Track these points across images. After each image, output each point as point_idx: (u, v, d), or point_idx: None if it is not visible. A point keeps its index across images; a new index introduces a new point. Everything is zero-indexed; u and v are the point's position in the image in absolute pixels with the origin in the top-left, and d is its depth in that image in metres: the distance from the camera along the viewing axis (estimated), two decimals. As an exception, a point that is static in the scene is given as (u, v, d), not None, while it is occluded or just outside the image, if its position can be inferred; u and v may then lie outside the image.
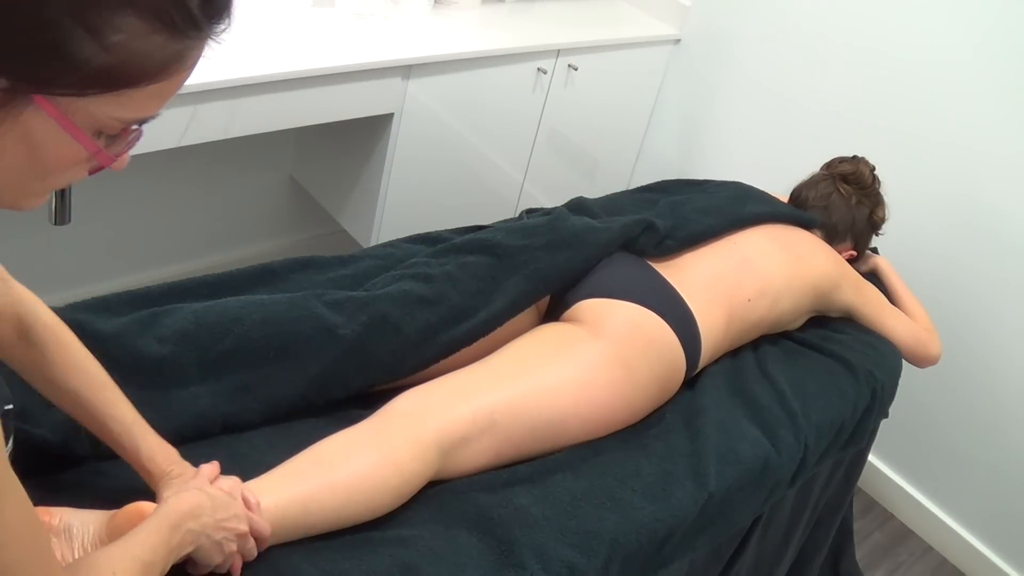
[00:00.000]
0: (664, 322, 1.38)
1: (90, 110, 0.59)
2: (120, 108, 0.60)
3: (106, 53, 0.56)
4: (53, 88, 0.57)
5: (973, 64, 2.01)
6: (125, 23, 0.56)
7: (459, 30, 2.14)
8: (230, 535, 0.92)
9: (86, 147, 0.61)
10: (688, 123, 2.68)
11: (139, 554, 0.80)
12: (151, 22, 0.57)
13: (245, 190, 2.39)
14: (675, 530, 1.22)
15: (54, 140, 0.60)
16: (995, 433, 2.14)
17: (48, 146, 0.60)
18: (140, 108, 0.61)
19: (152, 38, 0.58)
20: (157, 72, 0.59)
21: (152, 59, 0.58)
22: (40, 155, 0.61)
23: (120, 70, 0.57)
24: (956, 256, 2.12)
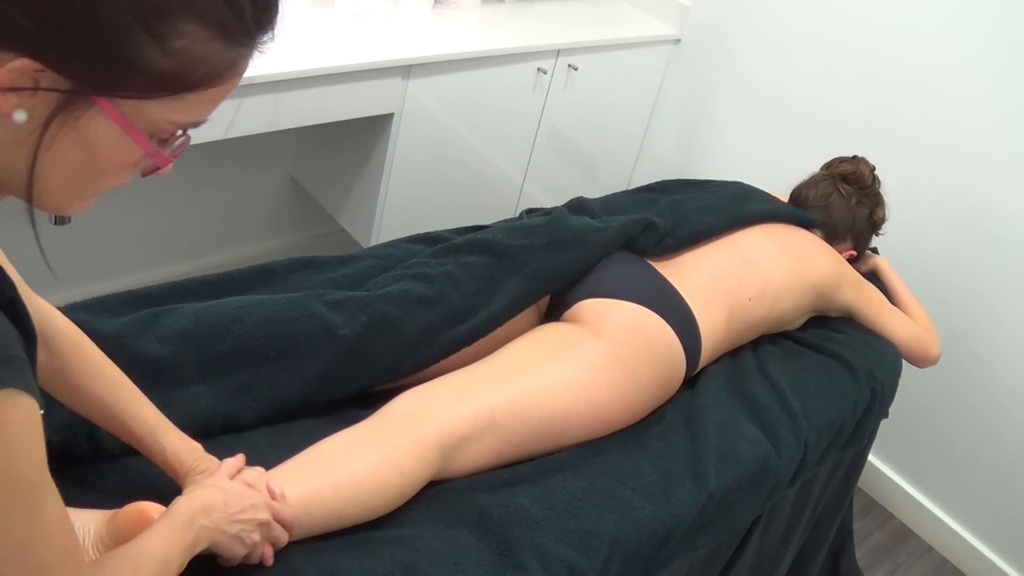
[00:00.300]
0: (664, 322, 1.38)
1: (148, 114, 0.62)
2: (175, 112, 0.63)
3: (169, 58, 0.59)
4: (116, 91, 0.59)
5: (973, 64, 2.01)
6: (188, 30, 0.59)
7: (459, 30, 2.14)
8: (248, 527, 0.92)
9: (145, 149, 0.63)
10: (688, 123, 2.68)
11: (156, 552, 0.81)
12: (211, 29, 0.60)
13: (245, 190, 2.39)
14: (675, 530, 1.22)
15: (111, 143, 0.62)
16: (995, 433, 2.14)
17: (105, 149, 0.62)
18: (193, 113, 0.64)
19: (211, 45, 0.60)
20: (214, 78, 0.62)
21: (210, 65, 0.61)
22: (96, 158, 0.63)
23: (181, 75, 0.60)
24: (956, 256, 2.12)
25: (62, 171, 0.62)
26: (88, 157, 0.63)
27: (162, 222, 2.27)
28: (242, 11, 0.61)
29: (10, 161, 0.62)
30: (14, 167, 0.62)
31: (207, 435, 1.13)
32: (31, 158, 0.61)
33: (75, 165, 0.63)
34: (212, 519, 0.89)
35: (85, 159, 0.63)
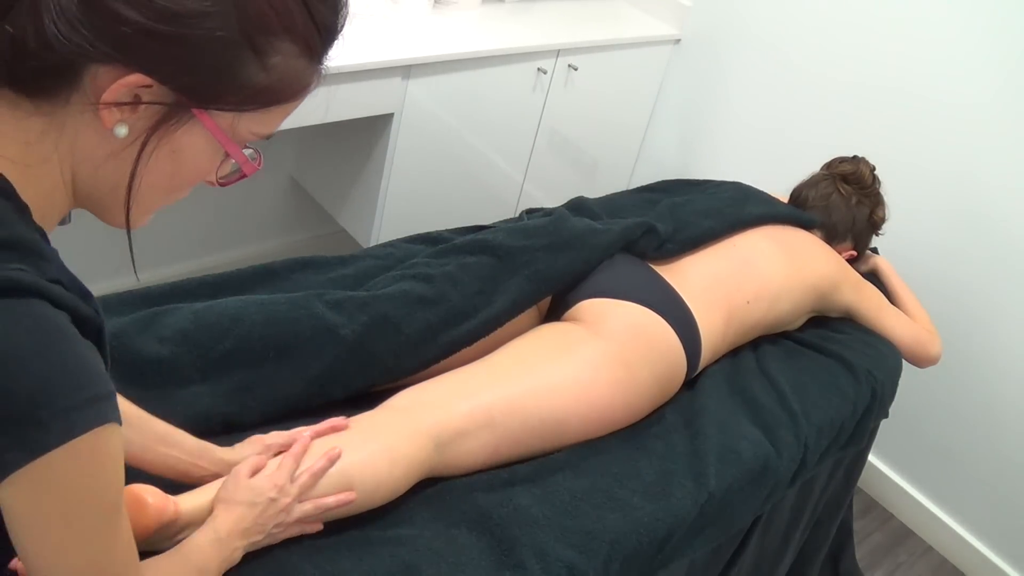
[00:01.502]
0: (665, 323, 1.38)
1: (237, 126, 0.65)
2: (259, 125, 0.66)
3: (266, 73, 0.62)
4: (218, 104, 0.62)
5: (973, 64, 2.01)
6: (283, 47, 0.62)
7: (459, 30, 2.14)
8: (280, 518, 0.97)
9: (238, 159, 0.67)
10: (688, 123, 2.68)
11: (196, 561, 0.87)
12: (301, 47, 0.64)
13: (245, 190, 2.39)
14: (675, 530, 1.22)
15: (200, 155, 0.65)
16: (995, 433, 2.14)
17: (193, 161, 0.65)
18: (272, 125, 0.67)
19: (299, 61, 0.64)
20: (298, 92, 0.66)
21: (296, 81, 0.65)
22: (183, 170, 0.66)
23: (274, 89, 0.63)
24: (956, 256, 2.12)
25: (150, 184, 0.65)
26: (176, 169, 0.65)
27: (162, 222, 2.27)
28: (326, 31, 0.65)
29: (100, 177, 0.64)
30: (103, 183, 0.64)
31: (207, 435, 1.13)
32: (128, 172, 0.63)
33: (162, 178, 0.65)
34: (247, 537, 0.93)
35: (173, 171, 0.65)
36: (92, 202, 0.66)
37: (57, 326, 0.59)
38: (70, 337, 0.59)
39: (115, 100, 0.59)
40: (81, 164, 0.63)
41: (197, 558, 0.87)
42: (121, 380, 1.11)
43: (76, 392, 0.58)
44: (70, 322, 0.60)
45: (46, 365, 0.57)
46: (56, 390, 0.57)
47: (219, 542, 0.90)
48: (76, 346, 0.59)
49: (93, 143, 0.62)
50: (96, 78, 0.59)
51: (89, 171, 0.63)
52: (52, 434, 0.57)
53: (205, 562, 0.88)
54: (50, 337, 0.58)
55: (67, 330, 0.59)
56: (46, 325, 0.58)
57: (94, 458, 0.60)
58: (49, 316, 0.58)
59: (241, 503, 0.94)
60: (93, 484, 0.61)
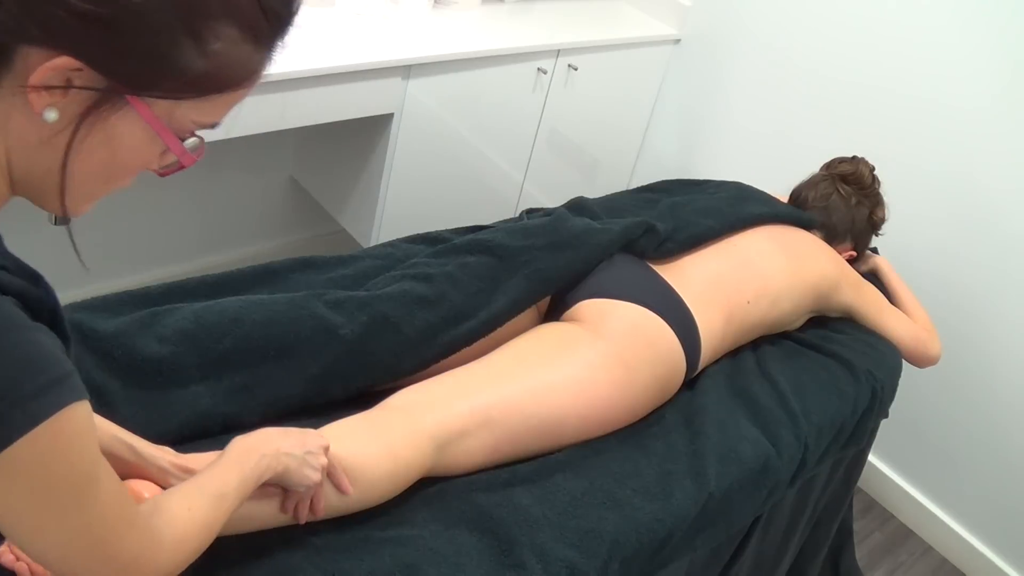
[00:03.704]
0: (665, 323, 1.38)
1: (175, 114, 0.62)
2: (201, 113, 0.63)
3: (205, 60, 0.60)
4: (152, 91, 0.60)
5: (972, 64, 2.01)
6: (225, 32, 0.60)
7: (459, 30, 2.14)
8: (315, 450, 0.95)
9: (174, 149, 0.64)
10: (688, 123, 2.68)
11: (212, 488, 0.83)
12: (245, 32, 0.61)
13: (245, 190, 2.39)
14: (675, 530, 1.22)
15: (136, 143, 0.63)
16: (995, 433, 2.14)
17: (129, 149, 0.63)
18: (215, 114, 0.65)
19: (244, 48, 0.62)
20: (242, 80, 0.63)
21: (241, 68, 0.62)
22: (118, 158, 0.63)
23: (214, 77, 0.61)
24: (956, 256, 2.12)
25: (84, 171, 0.63)
26: (111, 157, 0.63)
27: (162, 222, 2.27)
28: (273, 16, 0.62)
29: (33, 162, 0.62)
30: (36, 168, 0.62)
31: (207, 435, 1.13)
32: (61, 158, 0.61)
33: (97, 165, 0.63)
34: (272, 446, 0.91)
35: (108, 159, 0.63)
36: (28, 189, 0.64)
37: (4, 314, 0.57)
38: (19, 323, 0.58)
39: (43, 83, 0.57)
40: (14, 149, 0.61)
41: (212, 485, 0.83)
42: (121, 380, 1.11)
43: (33, 379, 0.57)
44: (17, 306, 0.59)
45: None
46: (12, 381, 0.56)
47: (238, 461, 0.87)
48: (26, 332, 0.58)
49: (25, 128, 0.60)
50: (27, 60, 0.57)
51: (22, 157, 0.61)
52: (14, 426, 0.57)
53: (221, 487, 0.84)
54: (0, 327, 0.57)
55: (15, 316, 0.58)
56: None
57: (60, 440, 0.59)
58: (12, 316, 0.57)
59: (272, 431, 0.94)
60: (63, 465, 0.61)
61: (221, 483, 0.84)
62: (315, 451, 0.95)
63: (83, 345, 1.12)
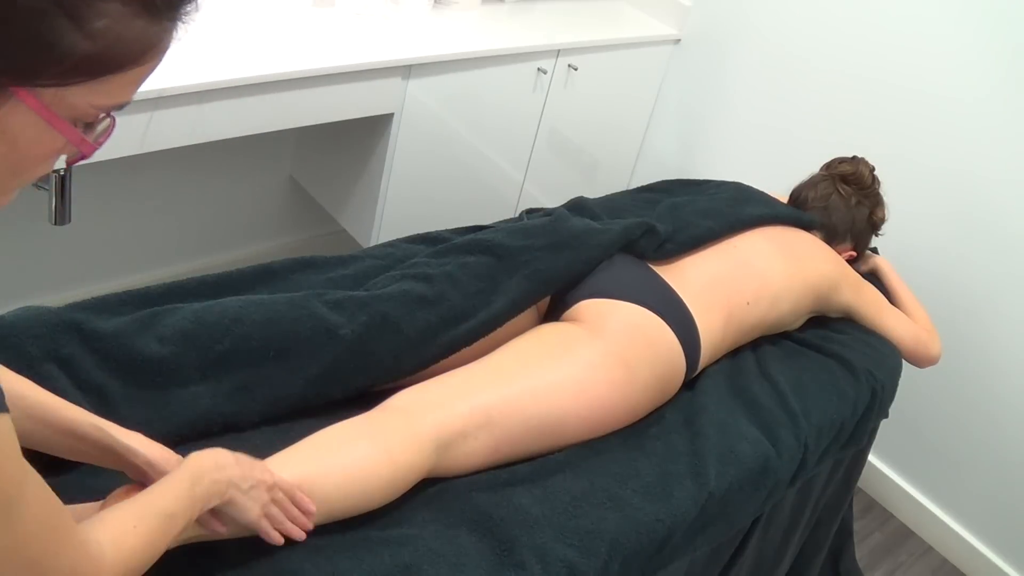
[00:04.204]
0: (664, 323, 1.38)
1: (69, 100, 0.58)
2: (99, 95, 0.59)
3: (90, 40, 0.56)
4: (36, 80, 0.56)
5: (971, 62, 2.01)
6: (108, 8, 0.56)
7: (459, 30, 2.14)
8: (260, 487, 0.92)
9: (70, 138, 0.60)
10: (688, 123, 2.68)
11: (161, 506, 0.80)
12: (132, 6, 0.57)
13: (245, 190, 2.39)
14: (675, 530, 1.22)
15: (33, 134, 0.59)
16: (995, 433, 2.14)
17: (27, 140, 0.59)
18: (118, 94, 0.60)
19: (134, 23, 0.57)
20: (138, 57, 0.59)
21: (134, 44, 0.58)
22: (18, 150, 0.60)
23: (104, 57, 0.57)
24: (956, 256, 2.12)
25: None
26: (10, 150, 0.59)
27: (162, 222, 2.27)
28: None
29: None
30: None
31: (207, 435, 1.13)
32: None
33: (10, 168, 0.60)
34: (224, 474, 0.88)
35: (7, 152, 0.59)
36: None
37: None
38: None
39: None
40: None
41: (161, 503, 0.80)
42: (121, 380, 1.11)
43: None
44: None
45: None
46: None
47: (192, 479, 0.84)
48: None
49: None
50: None
51: None
52: None
53: (171, 506, 0.81)
54: None
55: None
56: None
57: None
58: None
59: (227, 455, 0.91)
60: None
61: (172, 502, 0.82)
62: (257, 486, 0.92)
63: (83, 345, 1.12)
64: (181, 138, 1.64)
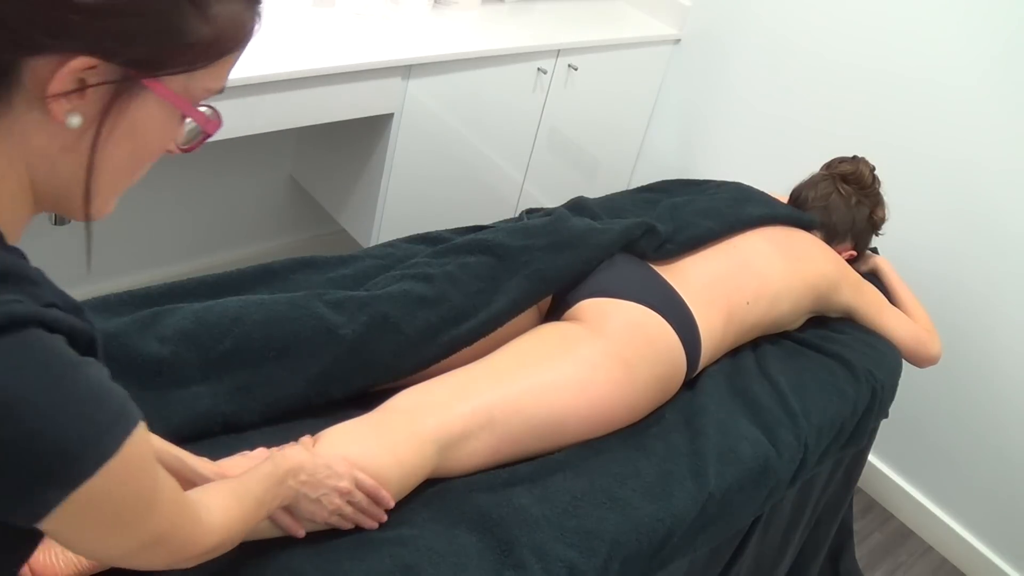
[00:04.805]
0: (665, 322, 1.38)
1: (191, 86, 0.61)
2: (211, 79, 0.62)
3: (209, 25, 0.59)
4: (167, 69, 0.58)
5: (971, 61, 2.01)
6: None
7: (459, 30, 2.14)
8: (332, 494, 0.98)
9: (199, 121, 0.63)
10: (688, 123, 2.68)
11: (256, 492, 0.86)
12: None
13: (245, 190, 2.39)
14: (675, 530, 1.22)
15: (158, 126, 0.62)
16: (995, 433, 2.14)
17: (151, 134, 0.62)
18: (222, 78, 0.64)
19: (238, 5, 0.61)
20: (242, 39, 0.62)
21: (240, 27, 0.61)
22: (142, 146, 0.62)
23: (221, 40, 0.60)
24: (956, 255, 2.12)
25: (111, 167, 0.62)
26: (135, 147, 0.62)
27: (162, 222, 2.27)
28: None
29: (56, 172, 0.60)
30: (60, 177, 0.61)
31: (207, 435, 1.13)
32: (85, 161, 0.60)
33: (123, 158, 0.62)
34: (298, 481, 0.94)
35: (132, 150, 0.62)
36: (54, 202, 0.63)
37: (61, 354, 0.57)
38: (74, 361, 0.57)
39: (63, 90, 0.55)
40: (36, 166, 0.60)
41: (257, 489, 0.87)
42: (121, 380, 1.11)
43: (98, 415, 0.57)
44: (67, 343, 0.58)
45: (63, 398, 0.55)
46: (79, 420, 0.56)
47: (278, 478, 0.90)
48: (82, 368, 0.58)
49: (45, 141, 0.58)
50: (36, 71, 0.55)
51: (46, 171, 0.60)
52: (86, 464, 0.57)
53: (264, 495, 0.87)
54: (60, 368, 0.56)
55: (70, 355, 0.57)
56: (52, 357, 0.56)
57: (128, 466, 0.60)
58: (53, 346, 0.56)
59: (303, 456, 0.97)
60: (130, 488, 0.61)
61: (262, 492, 0.88)
62: (331, 493, 0.98)
63: (83, 345, 1.12)
64: (181, 138, 1.64)
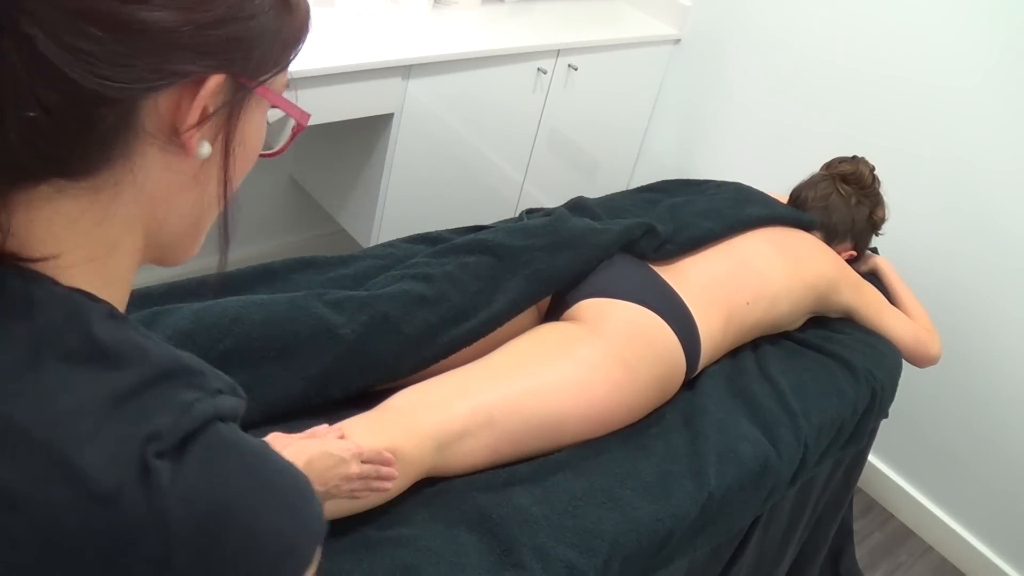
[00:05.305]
0: (665, 323, 1.38)
1: (279, 83, 0.57)
2: (284, 74, 0.58)
3: (293, 15, 0.55)
4: (271, 69, 0.54)
5: (971, 61, 2.01)
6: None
7: (459, 30, 2.14)
8: (342, 482, 0.98)
9: (296, 116, 0.58)
10: (688, 123, 2.68)
11: None
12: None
13: (245, 190, 2.39)
14: (675, 530, 1.22)
15: (260, 131, 0.57)
16: (995, 433, 2.14)
17: (257, 141, 0.57)
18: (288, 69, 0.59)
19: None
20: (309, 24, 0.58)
21: (307, 12, 0.57)
22: (250, 156, 0.57)
23: (303, 30, 0.56)
24: (956, 255, 2.12)
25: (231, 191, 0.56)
26: (247, 158, 0.56)
27: (162, 222, 2.27)
28: None
29: (176, 214, 0.54)
30: (179, 220, 0.55)
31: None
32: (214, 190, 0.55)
33: (240, 175, 0.57)
34: (311, 474, 0.94)
35: (245, 162, 0.56)
36: (159, 253, 0.57)
37: (249, 444, 0.52)
38: (257, 448, 0.53)
39: (198, 119, 0.49)
40: (154, 217, 0.53)
41: None
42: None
43: (298, 500, 0.53)
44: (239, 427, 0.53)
45: (266, 492, 0.51)
46: (289, 512, 0.51)
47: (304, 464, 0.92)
48: (268, 454, 0.53)
49: (164, 185, 0.52)
50: (158, 108, 0.48)
51: (160, 219, 0.53)
52: (306, 555, 0.52)
53: None
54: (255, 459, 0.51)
55: (256, 445, 0.53)
56: (243, 450, 0.51)
57: None
58: (236, 440, 0.51)
59: (317, 447, 0.97)
60: None
61: None
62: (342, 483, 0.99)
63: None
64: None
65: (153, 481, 0.46)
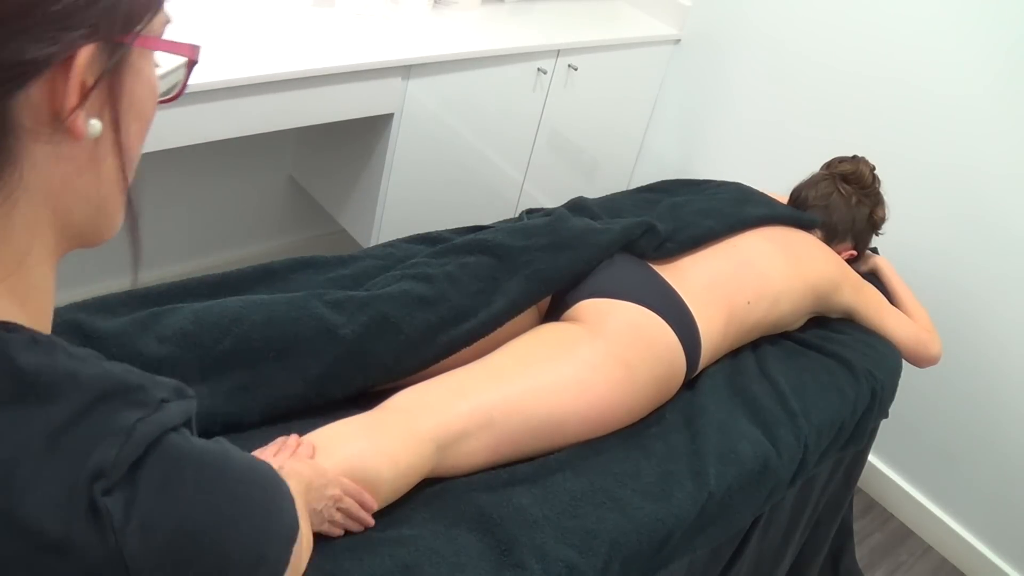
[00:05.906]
0: (665, 323, 1.38)
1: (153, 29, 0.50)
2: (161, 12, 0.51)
3: None
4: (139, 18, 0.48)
5: (971, 60, 2.01)
6: None
7: (459, 30, 2.14)
8: (330, 503, 0.98)
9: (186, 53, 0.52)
10: (688, 123, 2.68)
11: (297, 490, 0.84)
12: None
13: (245, 190, 2.39)
14: (675, 530, 1.22)
15: (150, 86, 0.51)
16: (995, 433, 2.14)
17: (148, 100, 0.51)
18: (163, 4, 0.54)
19: None
20: None
21: None
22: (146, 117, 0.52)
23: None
24: (956, 255, 2.12)
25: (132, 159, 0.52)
26: (141, 121, 0.51)
27: (162, 222, 2.27)
28: None
29: (82, 199, 0.50)
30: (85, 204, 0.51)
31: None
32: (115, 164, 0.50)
33: (137, 142, 0.52)
34: (308, 497, 0.94)
35: (140, 126, 0.51)
36: (78, 240, 0.54)
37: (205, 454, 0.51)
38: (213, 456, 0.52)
39: (80, 99, 0.45)
40: (60, 210, 0.49)
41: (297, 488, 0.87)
42: (121, 380, 1.11)
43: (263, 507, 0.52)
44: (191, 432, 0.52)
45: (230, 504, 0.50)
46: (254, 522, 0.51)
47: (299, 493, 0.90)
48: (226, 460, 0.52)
49: (59, 178, 0.47)
50: (31, 100, 0.44)
51: (65, 211, 0.49)
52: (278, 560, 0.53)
53: None
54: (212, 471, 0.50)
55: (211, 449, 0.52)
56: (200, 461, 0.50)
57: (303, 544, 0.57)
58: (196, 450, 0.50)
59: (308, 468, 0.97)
60: None
61: None
62: (331, 504, 0.99)
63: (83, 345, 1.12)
64: (181, 138, 1.64)
65: (104, 522, 0.44)
